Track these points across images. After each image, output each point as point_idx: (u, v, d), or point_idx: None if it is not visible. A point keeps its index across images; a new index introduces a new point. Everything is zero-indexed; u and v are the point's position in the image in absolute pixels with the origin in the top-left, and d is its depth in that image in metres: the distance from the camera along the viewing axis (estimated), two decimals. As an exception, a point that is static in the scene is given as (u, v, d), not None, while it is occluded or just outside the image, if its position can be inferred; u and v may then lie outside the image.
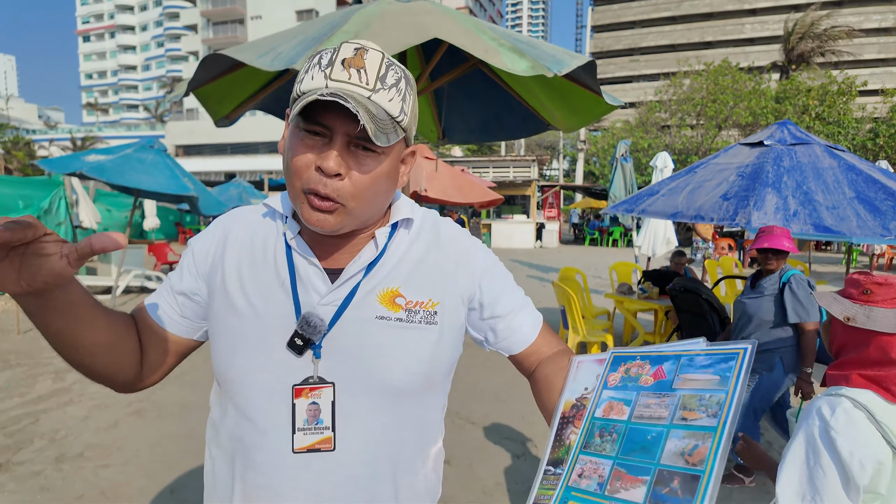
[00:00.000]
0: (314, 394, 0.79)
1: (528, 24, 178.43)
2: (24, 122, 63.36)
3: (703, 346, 0.70)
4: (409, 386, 0.83)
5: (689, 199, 3.80)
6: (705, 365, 0.68)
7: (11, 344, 5.62)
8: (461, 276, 0.89)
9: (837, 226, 3.29)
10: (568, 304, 4.71)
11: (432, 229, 0.92)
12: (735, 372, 0.65)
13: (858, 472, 1.26)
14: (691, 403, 0.65)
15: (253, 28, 50.51)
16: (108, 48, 79.64)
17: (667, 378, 0.70)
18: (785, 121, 4.30)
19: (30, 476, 2.96)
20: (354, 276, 0.83)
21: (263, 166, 35.54)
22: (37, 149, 38.29)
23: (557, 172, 41.49)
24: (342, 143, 0.74)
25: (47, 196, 8.55)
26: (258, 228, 0.89)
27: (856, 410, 1.31)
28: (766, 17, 43.02)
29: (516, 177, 20.68)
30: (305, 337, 0.79)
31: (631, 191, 8.14)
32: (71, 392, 4.27)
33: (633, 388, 0.72)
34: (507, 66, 1.83)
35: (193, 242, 0.91)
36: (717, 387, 0.65)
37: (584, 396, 0.77)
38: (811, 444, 1.35)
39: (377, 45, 0.77)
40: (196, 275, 0.88)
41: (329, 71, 0.73)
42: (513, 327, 0.93)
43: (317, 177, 0.74)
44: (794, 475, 1.36)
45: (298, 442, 0.79)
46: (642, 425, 0.67)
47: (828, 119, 20.89)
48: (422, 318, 0.83)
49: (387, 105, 0.74)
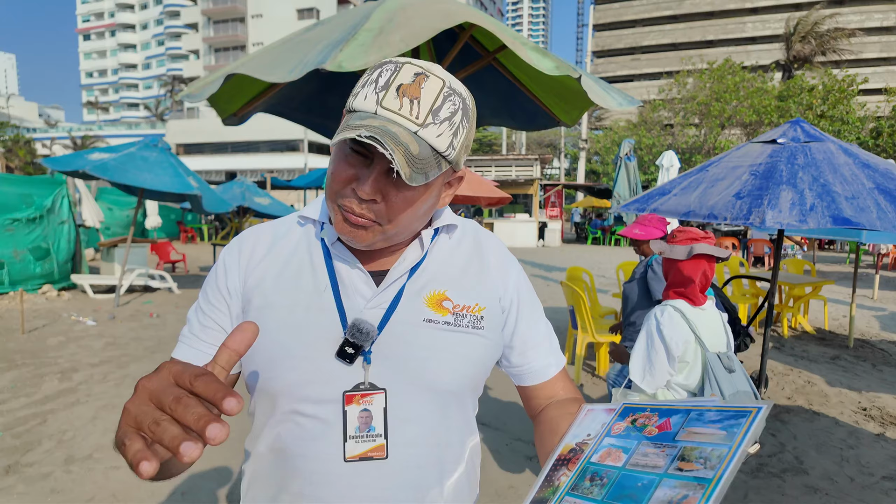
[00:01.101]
0: (366, 400, 0.77)
1: (528, 22, 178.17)
2: (24, 120, 63.33)
3: (717, 402, 0.68)
4: (458, 388, 0.83)
5: (702, 199, 3.76)
6: (714, 420, 0.66)
7: (16, 343, 5.59)
8: (501, 285, 0.89)
9: (857, 217, 3.21)
10: (577, 303, 4.68)
11: (473, 237, 0.93)
12: (744, 428, 0.62)
13: (675, 348, 2.10)
14: (691, 455, 0.63)
15: (253, 26, 50.47)
16: (109, 46, 79.57)
17: (672, 430, 0.68)
18: (797, 119, 4.26)
19: (39, 478, 2.93)
20: (400, 279, 0.82)
21: (264, 165, 35.51)
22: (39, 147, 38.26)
23: (559, 171, 41.45)
24: (381, 170, 0.72)
25: (50, 194, 8.52)
26: (287, 239, 0.86)
27: (674, 312, 2.15)
28: (767, 15, 42.97)
29: (518, 176, 20.65)
30: (356, 344, 0.77)
31: (635, 190, 8.10)
32: (77, 392, 4.24)
33: (635, 438, 0.70)
34: (534, 62, 1.80)
35: (218, 271, 0.86)
36: (722, 441, 0.62)
37: (584, 442, 0.75)
38: (649, 336, 2.18)
39: (442, 72, 0.73)
40: (228, 297, 0.84)
41: (382, 96, 0.70)
42: (529, 357, 0.92)
43: (352, 197, 0.73)
44: (639, 357, 2.18)
45: (350, 450, 0.77)
46: (635, 472, 0.65)
47: (832, 117, 20.84)
48: (469, 322, 0.83)
49: (433, 140, 0.71)
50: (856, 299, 6.58)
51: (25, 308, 7.06)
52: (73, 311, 7.19)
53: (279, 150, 36.39)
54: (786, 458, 3.41)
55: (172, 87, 56.16)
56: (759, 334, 6.39)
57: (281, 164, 35.51)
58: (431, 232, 0.86)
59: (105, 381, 4.51)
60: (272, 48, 2.38)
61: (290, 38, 2.44)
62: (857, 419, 4.08)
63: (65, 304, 7.75)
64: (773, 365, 5.38)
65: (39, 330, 6.18)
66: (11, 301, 7.53)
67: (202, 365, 0.71)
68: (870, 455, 3.48)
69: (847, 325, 6.76)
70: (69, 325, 6.43)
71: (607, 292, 8.93)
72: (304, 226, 0.87)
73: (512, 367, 0.93)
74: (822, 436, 3.76)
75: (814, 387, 4.80)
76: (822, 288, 7.02)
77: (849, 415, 4.16)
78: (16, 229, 7.97)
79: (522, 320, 0.91)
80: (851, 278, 6.51)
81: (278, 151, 36.36)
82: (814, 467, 3.29)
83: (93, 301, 8.06)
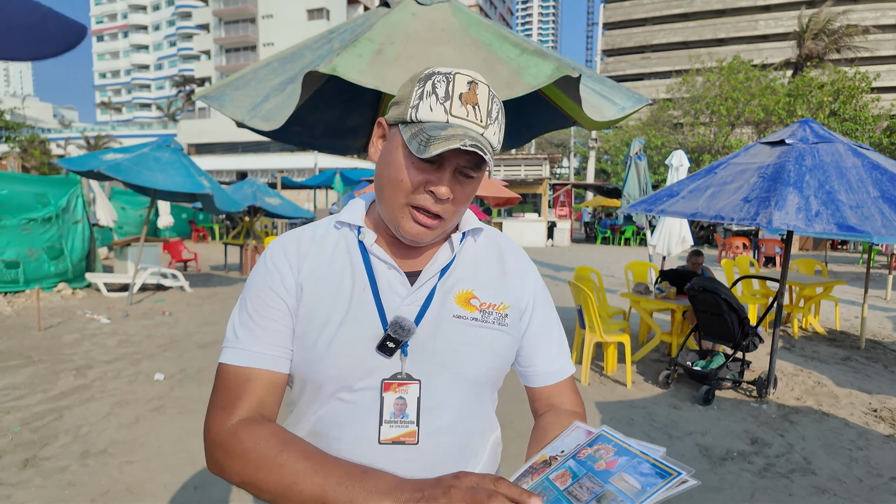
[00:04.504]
0: (402, 389, 0.84)
1: (538, 21, 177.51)
2: (39, 121, 64.16)
3: (659, 456, 0.74)
4: (484, 380, 0.90)
5: (710, 202, 3.77)
6: (644, 473, 0.72)
7: (33, 340, 5.70)
8: (520, 287, 0.97)
9: (861, 225, 3.24)
10: (585, 303, 4.70)
11: (496, 242, 1.01)
12: (655, 489, 0.69)
13: None
14: (604, 500, 0.70)
15: (264, 27, 50.73)
16: (122, 47, 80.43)
17: (612, 470, 0.75)
18: (807, 119, 4.25)
19: (56, 471, 3.00)
20: (432, 279, 0.90)
21: (275, 165, 35.72)
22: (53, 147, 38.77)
23: (569, 170, 41.31)
24: (451, 171, 0.82)
25: (65, 194, 8.66)
26: (326, 241, 0.92)
27: None
28: (779, 13, 42.50)
29: (528, 175, 20.63)
30: (397, 339, 0.83)
31: (645, 190, 8.07)
32: (92, 388, 4.33)
33: (587, 468, 0.77)
34: (532, 84, 1.84)
35: (269, 272, 0.89)
36: (633, 496, 0.69)
37: (555, 457, 0.81)
38: None
39: (482, 77, 0.84)
40: (286, 295, 0.87)
41: (448, 106, 0.79)
42: (538, 359, 0.99)
43: (427, 198, 0.82)
44: None
45: (385, 434, 0.83)
46: (566, 500, 0.72)
47: (843, 116, 20.57)
48: (495, 318, 0.90)
49: (492, 139, 0.83)
50: (868, 300, 6.53)
51: (41, 306, 7.19)
52: (88, 309, 7.31)
53: (290, 150, 36.53)
54: (794, 458, 3.40)
55: (184, 87, 56.67)
56: (769, 335, 6.35)
57: (291, 164, 35.70)
58: (460, 235, 0.94)
59: (119, 378, 4.60)
60: (275, 65, 2.40)
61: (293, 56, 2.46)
62: (867, 420, 4.06)
63: (79, 302, 7.88)
64: (783, 365, 5.35)
65: (55, 327, 6.29)
66: (28, 299, 7.67)
67: (265, 368, 0.84)
68: (879, 456, 3.46)
69: (859, 325, 6.70)
70: (84, 323, 6.54)
71: (616, 292, 8.92)
72: (341, 229, 0.94)
73: (520, 366, 1.00)
74: (831, 437, 3.74)
75: (823, 387, 4.77)
76: (833, 288, 6.97)
77: (859, 416, 4.14)
78: (31, 229, 8.11)
79: (536, 323, 0.98)
80: (864, 279, 6.45)
81: (289, 152, 36.53)
82: (822, 468, 3.28)
83: (106, 299, 8.18)
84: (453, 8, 2.38)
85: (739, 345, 4.38)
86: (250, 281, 0.91)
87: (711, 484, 3.07)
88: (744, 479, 3.13)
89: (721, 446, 3.55)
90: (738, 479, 3.13)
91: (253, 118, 1.93)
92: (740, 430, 3.82)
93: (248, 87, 2.11)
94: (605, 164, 31.55)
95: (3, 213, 7.78)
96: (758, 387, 4.45)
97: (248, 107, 1.98)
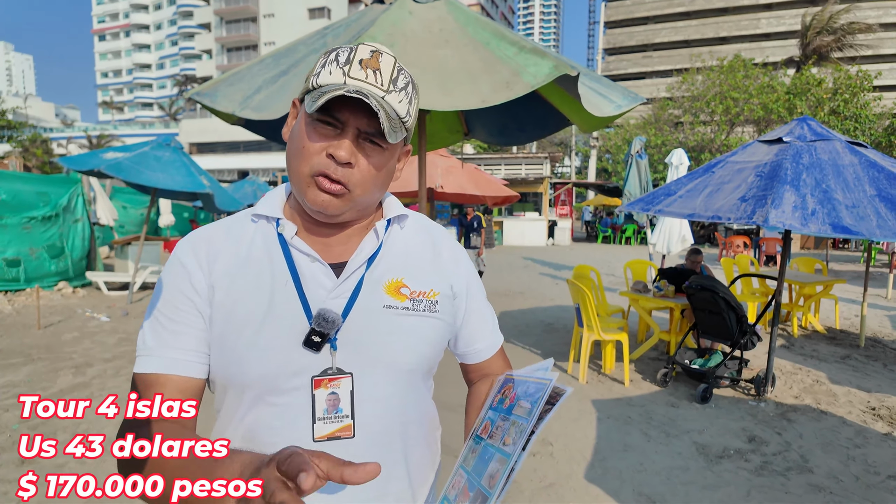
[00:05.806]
0: (333, 384, 0.82)
1: (540, 20, 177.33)
2: (41, 120, 64.34)
3: (542, 374, 0.78)
4: (417, 368, 0.89)
5: (707, 202, 3.76)
6: (530, 392, 0.76)
7: (33, 339, 5.72)
8: (453, 272, 0.96)
9: (856, 226, 3.24)
10: (583, 301, 4.69)
11: (425, 229, 0.99)
12: (538, 403, 0.72)
13: None
14: (512, 430, 0.73)
15: (265, 26, 50.78)
16: (124, 47, 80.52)
17: (513, 402, 0.79)
18: (805, 117, 4.24)
19: (54, 468, 3.01)
20: (359, 269, 0.87)
21: (276, 164, 35.77)
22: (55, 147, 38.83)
23: (569, 169, 41.27)
24: (353, 136, 0.79)
25: (66, 193, 8.68)
26: (241, 237, 0.87)
27: None
28: (782, 11, 42.36)
29: (528, 174, 20.61)
30: (322, 332, 0.80)
31: (646, 188, 8.07)
32: (91, 387, 4.34)
33: (498, 409, 0.81)
34: (532, 83, 1.84)
35: (177, 274, 0.84)
36: (527, 416, 0.73)
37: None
38: None
39: (390, 50, 0.83)
40: (196, 296, 0.83)
41: (347, 69, 0.78)
42: (475, 340, 1.01)
43: (327, 161, 0.79)
44: None
45: (319, 431, 0.81)
46: (489, 445, 0.77)
47: (844, 114, 20.49)
48: (425, 306, 0.89)
49: (397, 106, 0.80)
50: (868, 298, 6.52)
51: (41, 304, 7.21)
52: (88, 308, 7.33)
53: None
54: (791, 456, 3.40)
55: (185, 86, 56.72)
56: (768, 333, 6.35)
57: (292, 162, 35.78)
58: (385, 222, 0.91)
59: (118, 376, 4.61)
60: (281, 59, 2.41)
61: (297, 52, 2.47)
62: (865, 419, 4.05)
63: (79, 301, 7.90)
64: (782, 364, 5.35)
65: (55, 326, 6.31)
66: (28, 297, 7.69)
67: (175, 374, 0.79)
68: (876, 454, 3.46)
69: (859, 324, 6.69)
70: (84, 321, 6.56)
71: (616, 291, 8.91)
72: (258, 223, 0.89)
73: (458, 349, 1.02)
74: (829, 435, 3.74)
75: (822, 386, 4.77)
76: (832, 287, 6.96)
77: (857, 414, 4.14)
78: (32, 227, 8.13)
79: (472, 308, 0.99)
80: (864, 278, 6.44)
81: (290, 150, 36.62)
82: (819, 466, 3.28)
83: (107, 298, 8.20)
84: (449, 6, 2.38)
85: (737, 343, 4.38)
86: (159, 284, 0.85)
87: (708, 482, 3.07)
88: (740, 477, 3.13)
89: (718, 444, 3.55)
90: (735, 477, 3.13)
91: (244, 109, 1.93)
92: (738, 428, 3.82)
93: (242, 83, 2.11)
94: (606, 163, 31.50)
95: (4, 211, 7.81)
96: (756, 385, 4.44)
97: (240, 99, 1.99)
